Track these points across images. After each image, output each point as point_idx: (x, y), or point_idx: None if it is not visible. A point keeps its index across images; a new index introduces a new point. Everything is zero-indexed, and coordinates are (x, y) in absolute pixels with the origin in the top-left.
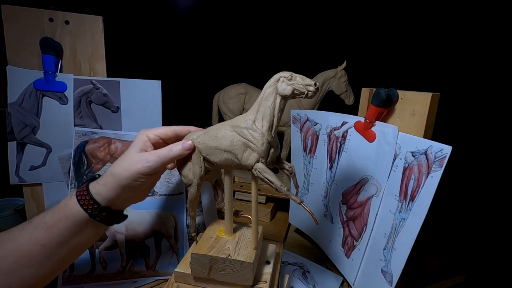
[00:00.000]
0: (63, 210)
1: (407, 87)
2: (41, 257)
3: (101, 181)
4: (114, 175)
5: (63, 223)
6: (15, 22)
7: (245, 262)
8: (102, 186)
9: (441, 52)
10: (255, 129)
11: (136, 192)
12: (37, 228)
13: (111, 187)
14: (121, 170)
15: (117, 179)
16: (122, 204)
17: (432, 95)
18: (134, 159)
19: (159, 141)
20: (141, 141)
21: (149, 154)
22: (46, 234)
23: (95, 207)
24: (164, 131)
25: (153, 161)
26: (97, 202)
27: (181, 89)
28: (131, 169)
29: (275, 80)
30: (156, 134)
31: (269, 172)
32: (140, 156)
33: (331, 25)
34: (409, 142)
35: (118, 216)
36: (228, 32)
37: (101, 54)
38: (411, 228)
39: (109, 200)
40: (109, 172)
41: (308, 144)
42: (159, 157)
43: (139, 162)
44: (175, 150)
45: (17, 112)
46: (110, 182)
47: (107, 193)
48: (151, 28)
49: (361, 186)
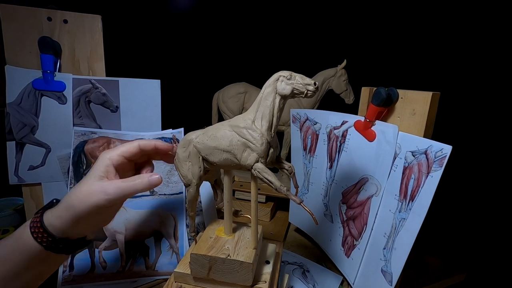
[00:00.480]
0: (17, 243)
1: (407, 86)
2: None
3: (56, 211)
4: (69, 207)
5: (17, 256)
6: (14, 21)
7: (245, 262)
8: (56, 219)
9: (441, 51)
10: (254, 129)
11: (95, 221)
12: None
13: (66, 219)
14: (77, 202)
15: (72, 212)
16: (82, 232)
17: (432, 94)
18: (92, 189)
19: (124, 161)
20: (103, 166)
21: (110, 184)
22: (0, 267)
23: (50, 240)
24: (127, 149)
25: (113, 194)
26: (52, 234)
27: (181, 88)
28: (88, 202)
29: (275, 80)
30: (119, 154)
31: (268, 172)
32: (100, 186)
33: (331, 24)
34: (409, 142)
35: (80, 242)
36: (228, 32)
37: (100, 54)
38: (411, 228)
39: (65, 232)
40: (65, 202)
41: (308, 144)
42: (121, 189)
43: (98, 193)
44: (139, 184)
45: (15, 111)
46: (65, 215)
47: (62, 225)
48: (151, 28)
49: (361, 186)
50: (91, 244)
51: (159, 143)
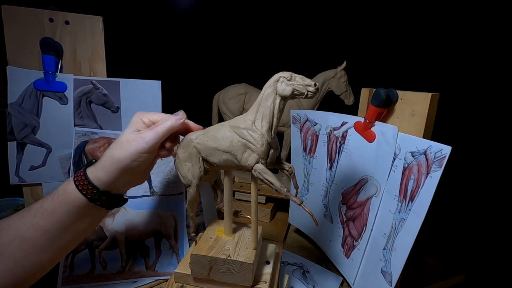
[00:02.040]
0: (62, 196)
1: (406, 87)
2: (44, 243)
3: (98, 165)
4: (113, 157)
5: (63, 208)
6: (15, 22)
7: (245, 262)
8: (100, 170)
9: (441, 52)
10: (254, 130)
11: (135, 174)
12: (37, 215)
13: (109, 170)
14: (119, 150)
15: (116, 161)
16: (122, 187)
17: (431, 95)
18: (130, 138)
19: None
20: (136, 123)
21: (145, 131)
22: (47, 220)
23: (94, 191)
24: (158, 118)
25: (150, 138)
26: (96, 186)
27: (181, 89)
28: (130, 149)
29: (275, 81)
30: (151, 119)
31: (268, 173)
32: (137, 134)
33: (331, 25)
34: (409, 142)
35: (119, 199)
36: (228, 32)
37: (101, 54)
38: (410, 228)
39: (108, 184)
40: (107, 154)
41: (308, 144)
42: (156, 132)
43: (137, 140)
44: (168, 122)
45: (17, 112)
46: (109, 165)
47: (106, 176)
48: (151, 28)
49: (360, 186)
50: (91, 244)
51: (191, 123)
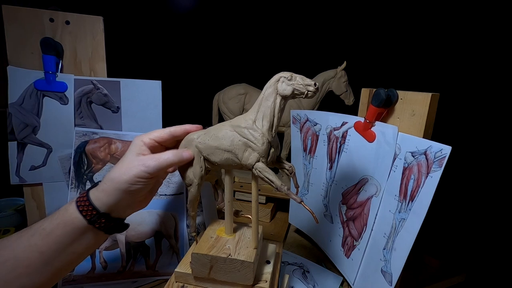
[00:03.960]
0: (62, 216)
1: (406, 87)
2: (39, 265)
3: (100, 186)
4: (113, 180)
5: (61, 229)
6: (16, 22)
7: (246, 261)
8: (101, 192)
9: (441, 52)
10: (255, 129)
11: (135, 197)
12: (35, 234)
13: (109, 192)
14: (119, 174)
15: (116, 184)
16: (122, 211)
17: (431, 95)
18: (132, 163)
19: (155, 144)
20: (137, 146)
21: (148, 157)
22: (44, 240)
23: (94, 213)
24: (159, 134)
25: (151, 166)
26: (96, 208)
27: (181, 89)
28: (129, 173)
29: (275, 81)
30: (151, 138)
31: (269, 171)
32: (139, 159)
33: (331, 25)
34: (409, 142)
35: (119, 224)
36: (228, 32)
37: (102, 55)
38: (410, 228)
39: (108, 206)
40: (107, 177)
41: (308, 144)
42: (158, 161)
43: (137, 165)
44: (172, 156)
45: (17, 112)
46: (109, 187)
47: (106, 198)
48: (151, 29)
49: (361, 186)
50: None
51: (188, 126)
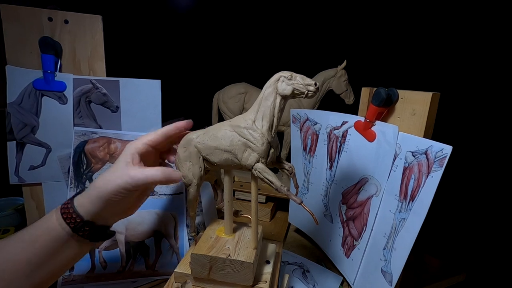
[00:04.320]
0: (47, 224)
1: (407, 86)
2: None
3: (85, 193)
4: (96, 188)
5: (45, 237)
6: (14, 22)
7: (245, 262)
8: (85, 199)
9: (441, 51)
10: (255, 129)
11: (119, 207)
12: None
13: (93, 200)
14: (104, 183)
15: (98, 192)
16: (107, 219)
17: (432, 94)
18: (118, 172)
19: (149, 149)
20: (129, 154)
21: (136, 170)
22: (29, 249)
23: (78, 221)
24: (153, 138)
25: (136, 179)
26: (80, 215)
27: (181, 88)
28: (113, 183)
29: (275, 80)
30: (145, 143)
31: (269, 172)
32: (125, 170)
33: (331, 25)
34: (409, 142)
35: (103, 232)
36: (228, 32)
37: (101, 54)
38: (411, 228)
39: (92, 214)
40: (93, 184)
41: (308, 144)
42: (145, 176)
43: (122, 176)
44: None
45: (16, 111)
46: (93, 195)
47: (90, 206)
48: (151, 28)
49: (361, 186)
50: None
51: (179, 123)
